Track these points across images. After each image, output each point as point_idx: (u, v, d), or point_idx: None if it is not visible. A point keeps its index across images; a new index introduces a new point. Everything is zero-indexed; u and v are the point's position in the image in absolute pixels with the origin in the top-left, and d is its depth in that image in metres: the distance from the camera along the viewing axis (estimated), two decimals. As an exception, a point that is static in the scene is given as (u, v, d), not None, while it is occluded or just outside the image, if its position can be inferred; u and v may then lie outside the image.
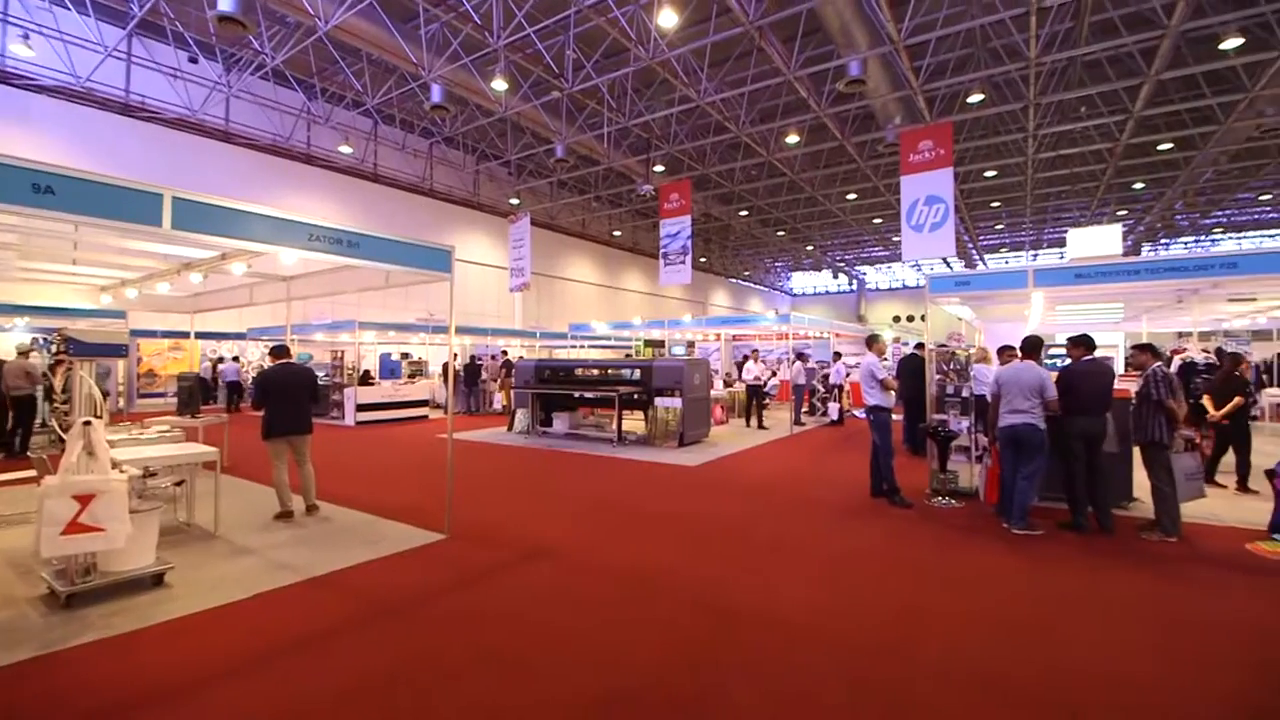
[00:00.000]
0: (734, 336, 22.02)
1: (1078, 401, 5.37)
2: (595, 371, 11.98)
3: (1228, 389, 6.73)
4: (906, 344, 14.70)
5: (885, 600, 3.93)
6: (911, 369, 8.67)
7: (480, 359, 17.23)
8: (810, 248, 33.41)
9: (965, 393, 6.78)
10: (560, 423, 11.62)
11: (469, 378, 15.96)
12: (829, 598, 3.98)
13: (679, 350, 19.34)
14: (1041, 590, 4.09)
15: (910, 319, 35.12)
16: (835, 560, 4.74)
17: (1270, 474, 5.18)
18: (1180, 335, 15.41)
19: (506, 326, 21.75)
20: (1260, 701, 2.77)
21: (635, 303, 29.90)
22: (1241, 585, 4.15)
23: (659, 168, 18.87)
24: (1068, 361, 5.79)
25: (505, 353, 17.04)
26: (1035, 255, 33.88)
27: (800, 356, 13.59)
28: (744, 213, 25.18)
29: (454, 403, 8.12)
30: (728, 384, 15.78)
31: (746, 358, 13.93)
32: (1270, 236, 28.44)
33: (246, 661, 3.10)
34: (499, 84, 12.86)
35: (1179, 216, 26.18)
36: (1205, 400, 6.91)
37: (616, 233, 28.31)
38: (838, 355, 14.50)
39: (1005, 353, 6.58)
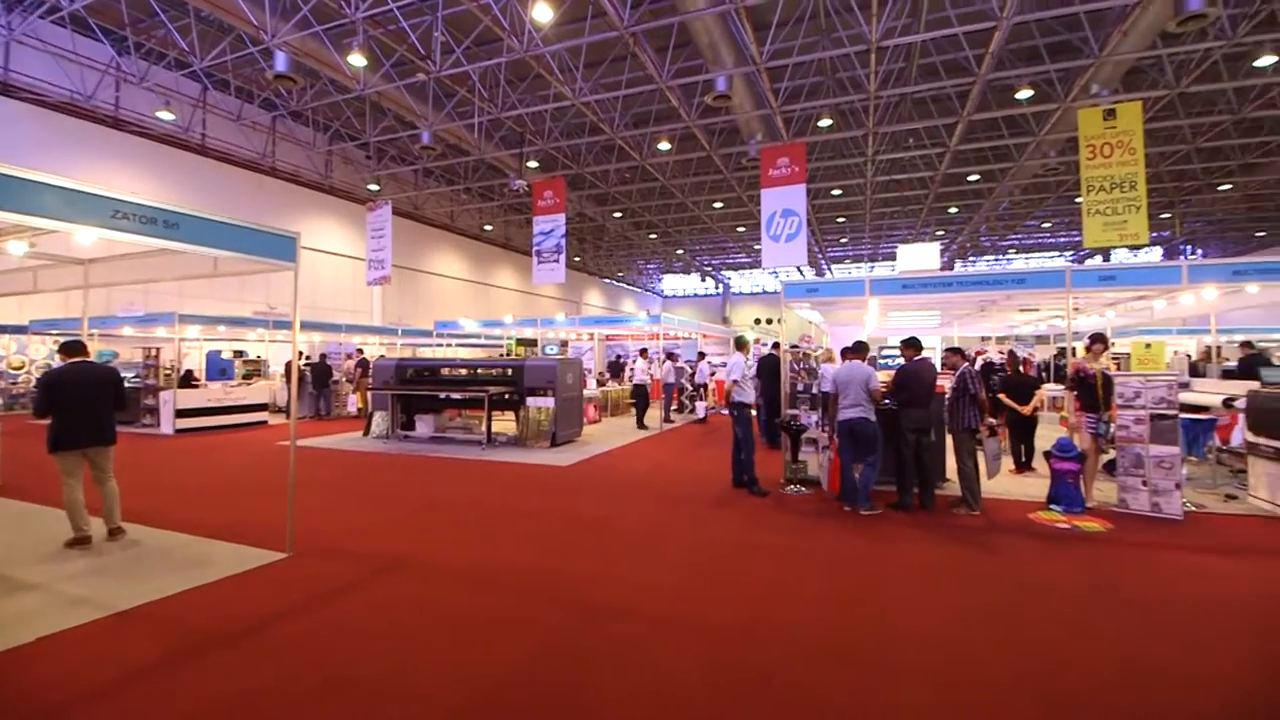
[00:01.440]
0: (608, 336, 22.26)
1: (910, 396, 6.09)
2: (464, 371, 11.48)
3: (1024, 385, 7.99)
4: (765, 344, 15.77)
5: (745, 583, 4.18)
6: (769, 368, 9.31)
7: (332, 358, 15.78)
8: (680, 252, 34.74)
9: (814, 390, 7.42)
10: (424, 425, 10.98)
11: (318, 379, 14.56)
12: (694, 585, 4.16)
13: (552, 350, 19.16)
14: (877, 564, 4.58)
15: (769, 321, 37.77)
16: (700, 549, 4.96)
17: (1048, 455, 6.24)
18: (983, 339, 18.13)
19: (364, 323, 20.14)
20: (1041, 635, 3.31)
21: (507, 300, 29.13)
22: (1027, 549, 4.96)
23: (533, 163, 18.55)
24: (900, 361, 6.56)
25: (361, 351, 15.76)
26: (873, 267, 37.97)
27: (670, 356, 14.05)
28: (618, 214, 25.54)
29: (298, 406, 7.33)
30: (601, 383, 15.92)
31: (621, 357, 14.11)
32: (1051, 257, 34.34)
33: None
34: (357, 59, 11.86)
35: (983, 238, 30.77)
36: (1002, 395, 8.16)
37: (488, 227, 27.38)
38: (702, 355, 15.20)
39: (847, 353, 7.28)
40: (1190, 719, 2.61)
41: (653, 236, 30.17)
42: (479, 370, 11.38)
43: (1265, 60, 11.93)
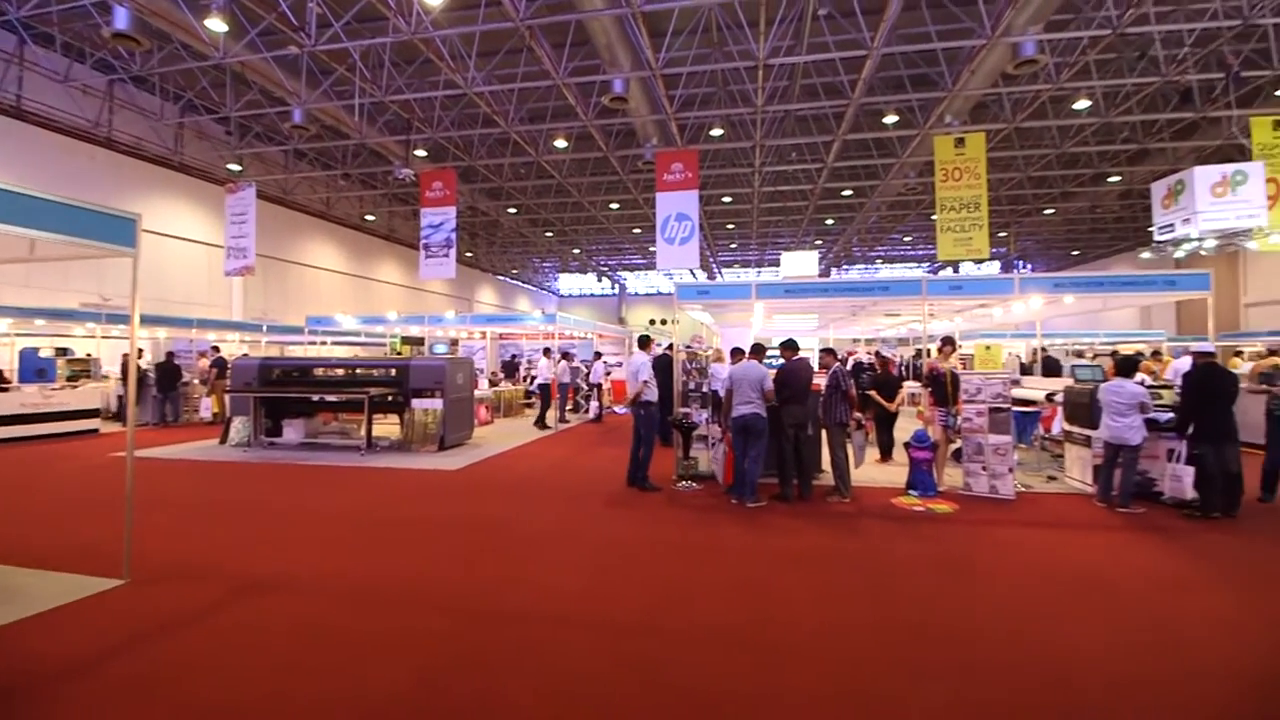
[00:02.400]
0: (501, 335, 21.67)
1: (790, 394, 6.48)
2: (341, 371, 10.68)
3: (890, 383, 8.78)
4: (660, 345, 16.13)
5: (642, 579, 4.24)
6: (661, 367, 9.50)
7: (181, 356, 14.04)
8: (577, 251, 34.61)
9: (705, 388, 7.68)
10: (293, 431, 10.07)
11: (164, 380, 12.89)
12: (593, 583, 4.16)
13: (441, 349, 18.33)
14: (762, 553, 4.83)
15: (664, 322, 38.67)
16: (598, 547, 4.97)
17: (907, 446, 6.90)
18: (854, 341, 19.72)
19: (221, 318, 18.10)
20: (900, 609, 3.65)
21: (391, 296, 27.44)
22: (889, 531, 5.45)
23: (421, 152, 17.62)
24: (781, 361, 6.96)
25: (218, 349, 14.16)
26: (759, 272, 40.07)
27: (565, 356, 13.95)
28: (513, 210, 24.94)
29: (137, 411, 6.45)
30: (494, 383, 15.47)
31: (516, 356, 13.78)
32: (911, 268, 38.05)
33: None
34: (215, 23, 10.63)
35: (855, 248, 33.48)
36: (872, 393, 8.91)
37: (369, 217, 25.62)
38: (598, 355, 15.24)
39: (736, 354, 7.60)
40: (1024, 661, 3.00)
41: (549, 234, 29.80)
42: (358, 370, 10.63)
43: (1081, 104, 14.04)
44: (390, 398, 9.88)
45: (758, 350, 6.72)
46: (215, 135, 18.46)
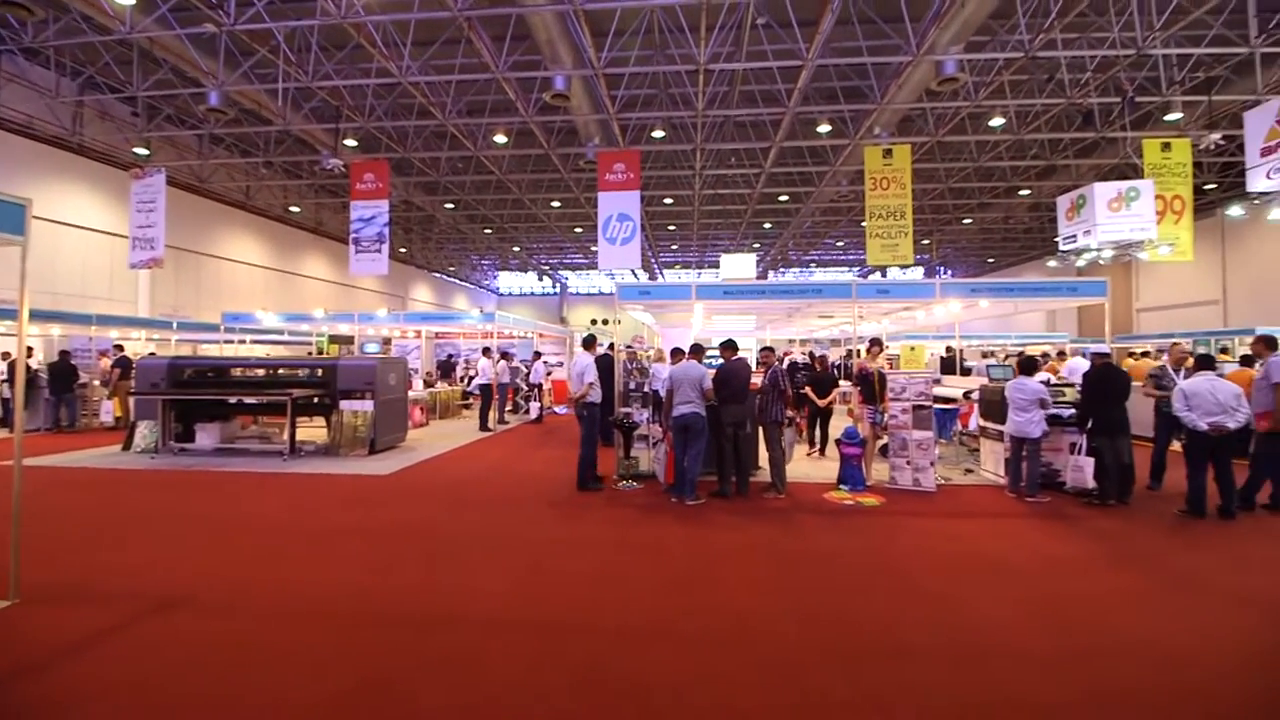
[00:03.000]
0: (437, 334, 21.04)
1: (729, 393, 6.60)
2: (261, 371, 10.07)
3: (825, 381, 9.09)
4: (602, 345, 16.10)
5: (578, 579, 4.21)
6: (603, 367, 9.49)
7: (79, 355, 12.86)
8: (518, 249, 34.04)
9: (646, 388, 7.72)
10: (207, 436, 9.40)
11: (58, 381, 11.77)
12: (527, 585, 4.10)
13: (372, 348, 17.60)
14: (701, 549, 4.90)
15: (605, 322, 38.64)
16: (533, 549, 4.89)
17: (838, 442, 7.17)
18: (790, 341, 20.34)
19: (126, 314, 16.71)
20: (829, 598, 3.79)
21: (318, 292, 26.10)
22: (821, 524, 5.65)
23: (351, 142, 16.84)
24: (720, 361, 7.09)
25: (121, 348, 13.06)
26: (700, 273, 40.68)
27: (505, 356, 13.71)
28: (450, 206, 24.25)
29: (27, 415, 5.87)
30: (429, 384, 15.01)
31: (453, 356, 13.41)
32: (843, 272, 39.57)
33: None
34: (118, -7, 9.79)
35: (791, 252, 34.53)
36: (807, 390, 9.22)
37: (294, 208, 24.27)
38: (538, 355, 15.04)
39: (676, 354, 7.68)
40: (943, 641, 3.17)
41: (488, 231, 29.17)
42: (280, 370, 10.06)
43: (996, 121, 15.01)
44: (316, 399, 9.40)
45: (697, 350, 6.81)
46: (120, 116, 17.00)
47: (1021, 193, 21.52)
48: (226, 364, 10.39)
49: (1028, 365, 6.86)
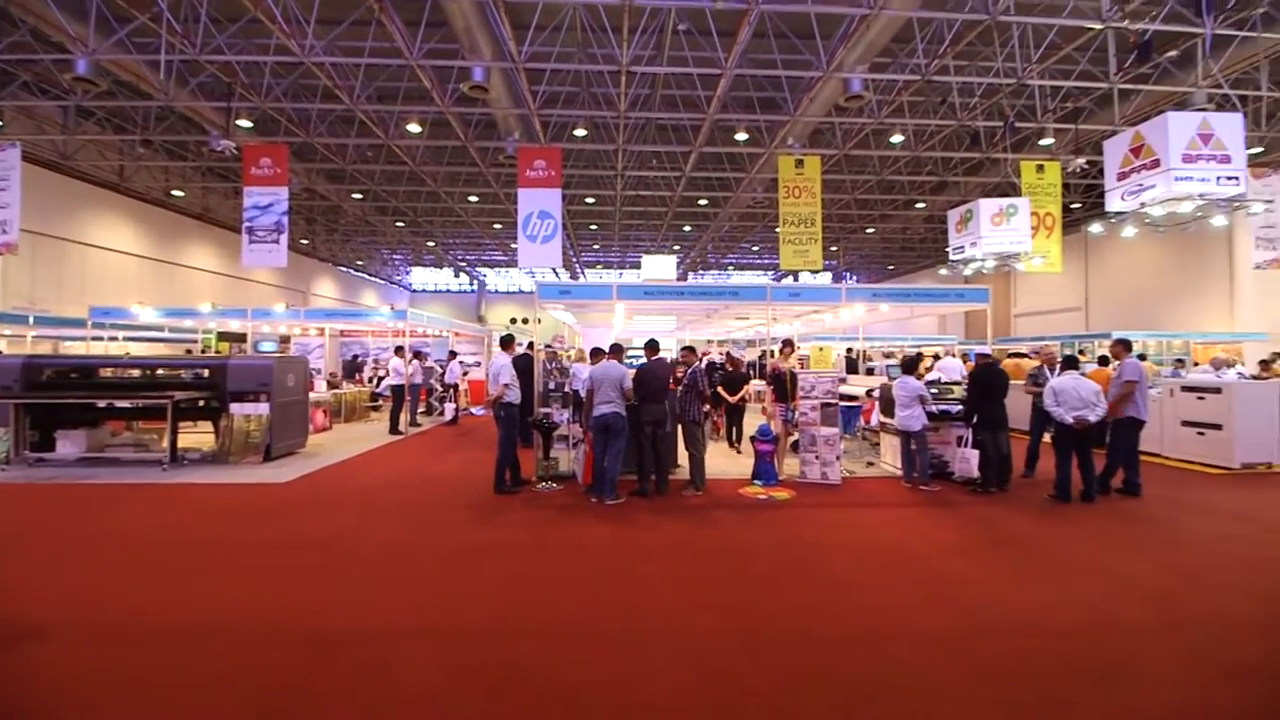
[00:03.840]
0: (343, 332, 19.83)
1: (649, 392, 6.66)
2: (137, 372, 9.08)
3: (736, 379, 9.37)
4: (521, 344, 15.78)
5: (495, 584, 4.10)
6: (523, 367, 9.32)
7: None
8: (432, 244, 32.71)
9: (566, 388, 7.65)
10: (70, 444, 8.35)
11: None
12: (441, 594, 3.95)
13: (269, 346, 16.33)
14: (620, 548, 4.91)
15: (524, 321, 37.96)
16: (448, 556, 4.72)
17: (752, 439, 7.42)
18: (709, 341, 20.84)
19: (-32, 304, 14.57)
20: (742, 589, 3.91)
21: (205, 285, 23.86)
22: (736, 519, 5.82)
23: (245, 122, 15.53)
24: (643, 361, 7.13)
25: (-37, 342, 11.37)
26: (621, 273, 40.85)
27: (418, 355, 13.14)
28: (358, 196, 22.91)
29: None
30: (333, 385, 14.13)
31: (360, 356, 12.69)
32: (758, 275, 41.00)
33: None
34: (-46, -64, 8.49)
35: (710, 255, 35.40)
36: (719, 389, 9.47)
37: (177, 192, 22.06)
38: (453, 354, 14.50)
39: (596, 354, 7.66)
40: (845, 624, 3.35)
41: (400, 224, 27.83)
42: (160, 371, 9.12)
43: (896, 138, 16.10)
44: (202, 403, 8.60)
45: (617, 350, 6.82)
46: (-42, 78, 14.76)
47: (918, 206, 23.21)
48: (94, 364, 9.28)
49: (909, 365, 7.43)
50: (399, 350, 12.50)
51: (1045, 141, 15.81)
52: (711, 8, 9.87)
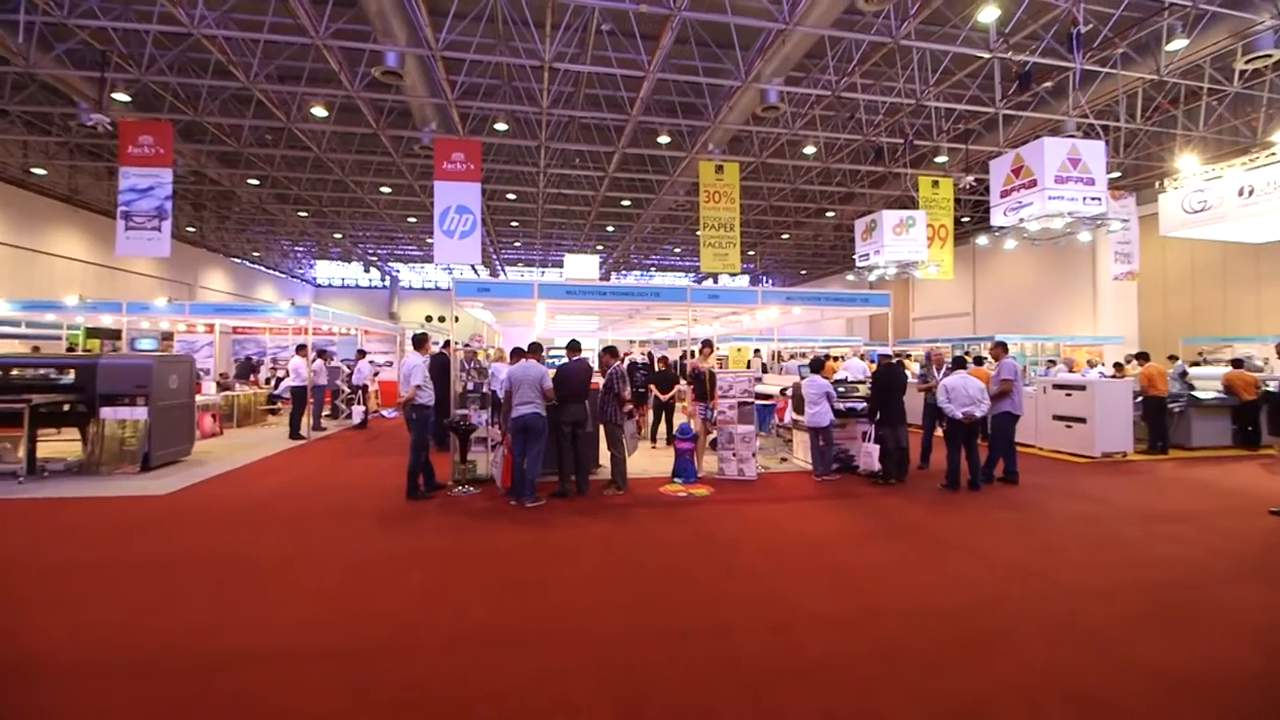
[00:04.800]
0: (236, 329, 18.31)
1: (569, 392, 6.61)
2: (-16, 370, 7.96)
3: (667, 378, 9.49)
4: (437, 344, 15.19)
5: (401, 595, 3.92)
6: (438, 367, 8.99)
7: None
8: (339, 236, 30.85)
9: (485, 389, 7.45)
10: (-102, 452, 7.22)
11: None
12: (341, 608, 3.73)
13: (147, 344, 14.83)
14: (539, 550, 4.84)
15: (441, 319, 36.66)
16: (357, 566, 4.47)
17: (673, 438, 7.54)
18: (631, 342, 20.98)
19: None
20: (660, 587, 3.96)
21: (72, 275, 21.32)
22: (656, 516, 5.89)
23: (122, 96, 13.99)
24: (564, 361, 7.07)
25: None
26: (544, 272, 40.32)
27: (323, 354, 12.36)
28: (255, 182, 21.22)
29: None
30: (224, 386, 13.02)
31: (256, 355, 11.77)
32: (680, 277, 41.71)
33: None
34: None
35: (634, 255, 35.65)
36: (651, 388, 9.56)
37: (39, 170, 19.57)
38: (362, 353, 13.73)
39: (516, 354, 7.52)
40: (758, 614, 3.47)
41: (303, 214, 26.04)
42: (13, 371, 8.04)
43: (809, 149, 16.88)
44: (68, 406, 7.66)
45: (537, 349, 6.72)
46: None
47: (828, 214, 24.46)
48: (-75, 361, 8.04)
49: (817, 365, 7.85)
50: (301, 349, 11.67)
51: (940, 159, 17.13)
52: (635, 10, 9.94)
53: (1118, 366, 11.22)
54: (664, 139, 16.06)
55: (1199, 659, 3.12)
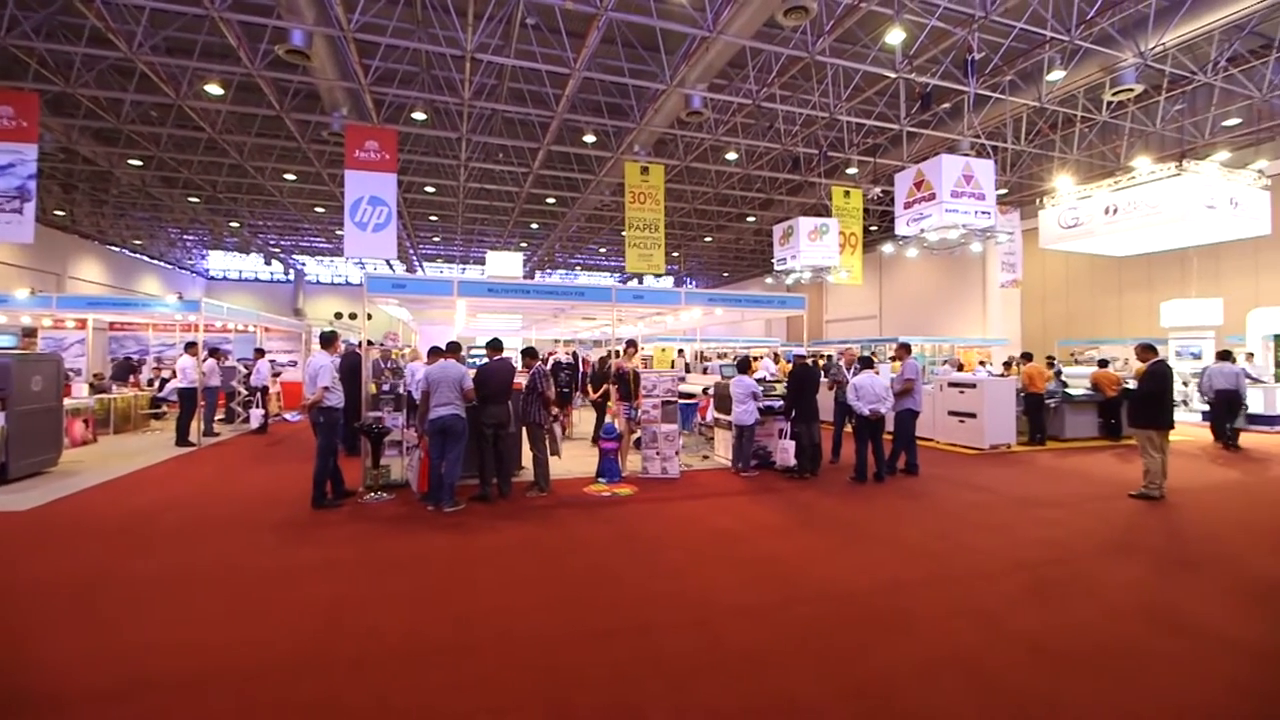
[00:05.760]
0: (113, 325, 16.50)
1: (490, 392, 6.44)
2: None
3: (601, 378, 9.43)
4: (349, 342, 14.35)
5: (313, 609, 3.68)
6: (350, 367, 8.51)
7: None
8: (236, 225, 28.52)
9: (400, 390, 7.13)
10: None
11: None
12: (244, 628, 3.44)
13: (6, 341, 13.11)
14: (458, 556, 4.68)
15: (352, 316, 34.71)
16: (256, 583, 4.14)
17: (598, 438, 7.52)
18: (555, 341, 20.76)
19: None
20: (583, 588, 3.94)
21: (-92, 259, 18.50)
22: (580, 517, 5.86)
23: (-31, 58, 12.28)
24: (485, 360, 6.88)
25: None
26: (465, 269, 39.11)
27: (215, 353, 11.39)
28: (137, 162, 19.21)
29: None
30: (99, 389, 11.71)
31: (137, 355, 10.68)
32: (605, 277, 41.72)
33: None
34: None
35: (558, 254, 35.28)
36: (589, 389, 9.47)
37: None
38: (261, 352, 12.72)
39: (434, 353, 7.24)
40: (680, 608, 3.52)
41: (194, 200, 23.88)
42: None
43: (731, 155, 17.36)
44: (-103, 409, 6.63)
45: (455, 349, 6.51)
46: None
47: (748, 219, 25.28)
48: None
49: (744, 365, 8.11)
50: (190, 347, 10.65)
51: (851, 171, 18.11)
52: (561, 6, 9.84)
53: (1005, 366, 12.29)
54: (590, 138, 16.01)
55: (1068, 629, 3.47)
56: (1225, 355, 10.89)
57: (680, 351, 18.90)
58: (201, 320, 11.26)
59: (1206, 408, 11.44)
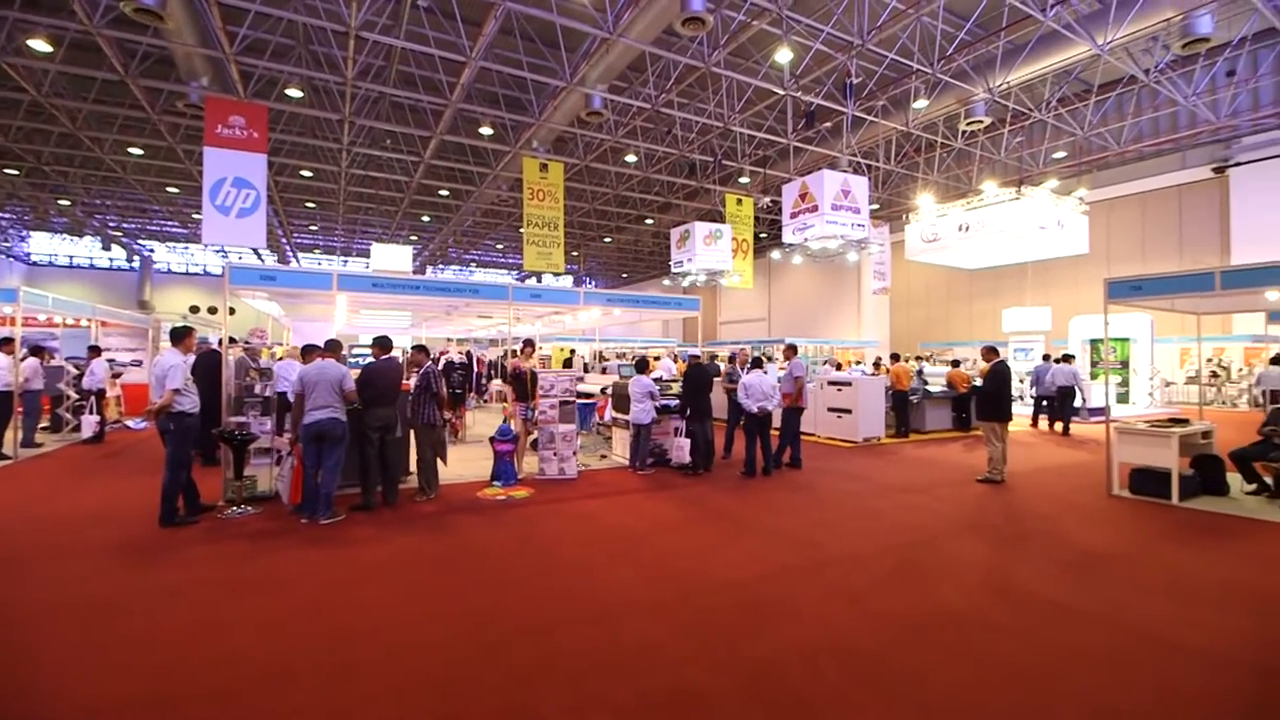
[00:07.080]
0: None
1: (375, 394, 6.04)
2: None
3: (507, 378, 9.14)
4: (208, 339, 12.87)
5: (161, 639, 3.26)
6: (208, 367, 7.64)
7: None
8: (66, 203, 24.66)
9: (269, 392, 6.51)
10: None
11: None
12: (74, 665, 2.97)
13: None
14: (336, 571, 4.35)
15: (212, 310, 31.23)
16: (88, 615, 3.60)
17: (492, 440, 7.31)
18: (447, 340, 19.91)
19: None
20: (477, 595, 3.81)
21: None
22: (473, 522, 5.65)
23: None
24: (370, 359, 6.45)
25: None
26: (346, 261, 36.45)
27: (37, 351, 9.79)
28: (-70, 123, 16.07)
29: None
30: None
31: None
32: (502, 274, 40.60)
33: None
34: None
35: (451, 249, 33.89)
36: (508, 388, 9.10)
37: None
38: (96, 350, 11.05)
39: (309, 352, 6.68)
40: (578, 607, 3.50)
41: (11, 172, 20.41)
42: None
43: (631, 158, 17.55)
44: None
45: (334, 347, 6.04)
46: None
47: (647, 222, 25.72)
48: None
49: (642, 365, 8.25)
50: (5, 344, 9.03)
51: (743, 180, 18.96)
52: (454, -10, 9.45)
53: (876, 365, 13.42)
54: (487, 130, 15.54)
55: (928, 606, 3.85)
56: (1068, 358, 12.80)
57: (573, 351, 18.84)
58: (19, 312, 9.58)
59: (1036, 402, 13.20)
